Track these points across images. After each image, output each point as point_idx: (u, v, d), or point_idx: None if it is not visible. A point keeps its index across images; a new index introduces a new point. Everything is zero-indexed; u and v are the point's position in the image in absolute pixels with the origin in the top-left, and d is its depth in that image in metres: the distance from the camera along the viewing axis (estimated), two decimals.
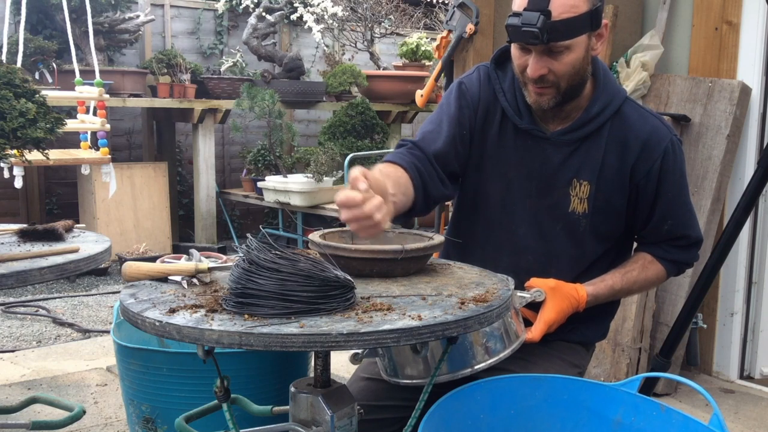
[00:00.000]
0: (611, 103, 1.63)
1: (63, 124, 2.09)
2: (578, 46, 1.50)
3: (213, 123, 5.78)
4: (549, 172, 1.65)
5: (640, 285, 1.72)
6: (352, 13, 6.62)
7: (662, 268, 1.73)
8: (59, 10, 4.80)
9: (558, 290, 1.61)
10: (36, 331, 3.93)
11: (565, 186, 1.65)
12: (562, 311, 1.61)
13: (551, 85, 1.54)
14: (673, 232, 1.69)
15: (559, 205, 1.66)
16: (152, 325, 1.17)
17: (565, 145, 1.64)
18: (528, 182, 1.67)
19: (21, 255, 1.66)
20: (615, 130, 1.63)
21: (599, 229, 1.67)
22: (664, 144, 1.62)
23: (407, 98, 6.36)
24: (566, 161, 1.64)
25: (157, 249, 5.44)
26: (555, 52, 1.49)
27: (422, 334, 1.15)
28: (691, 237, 1.71)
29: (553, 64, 1.51)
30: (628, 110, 1.65)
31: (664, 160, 1.62)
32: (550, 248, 1.68)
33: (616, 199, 1.65)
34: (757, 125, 3.04)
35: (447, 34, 3.35)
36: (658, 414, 1.41)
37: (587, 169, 1.63)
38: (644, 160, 1.62)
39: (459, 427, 1.40)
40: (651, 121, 1.64)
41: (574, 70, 1.53)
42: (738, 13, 3.01)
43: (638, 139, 1.62)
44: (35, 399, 2.18)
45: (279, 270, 1.18)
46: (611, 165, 1.63)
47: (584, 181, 1.63)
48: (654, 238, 1.71)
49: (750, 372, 3.20)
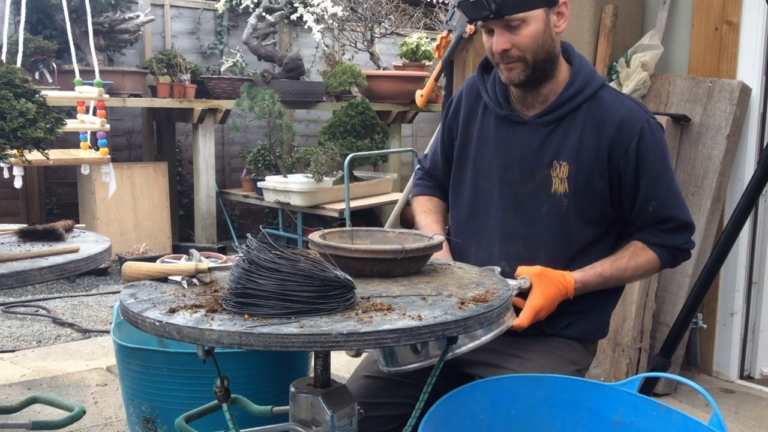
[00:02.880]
0: (587, 87, 1.69)
1: (63, 124, 2.09)
2: (535, 20, 1.58)
3: (213, 123, 5.78)
4: (530, 155, 1.71)
5: (631, 272, 1.72)
6: (352, 13, 6.61)
7: (654, 254, 1.73)
8: (59, 10, 4.80)
9: (544, 276, 1.63)
10: (36, 331, 3.93)
11: (546, 168, 1.70)
12: (549, 297, 1.62)
13: (517, 59, 1.61)
14: (659, 214, 1.70)
15: (542, 187, 1.70)
16: (152, 325, 1.17)
17: (542, 126, 1.70)
18: (511, 169, 1.73)
19: (21, 255, 1.66)
20: (592, 112, 1.68)
21: (584, 211, 1.69)
22: (640, 124, 1.66)
23: (407, 98, 6.36)
24: (544, 143, 1.70)
25: (157, 249, 5.44)
26: (513, 26, 1.58)
27: (422, 334, 1.15)
28: (678, 219, 1.71)
29: (514, 38, 1.59)
30: (605, 95, 1.70)
31: (641, 140, 1.65)
32: (538, 233, 1.71)
33: (597, 180, 1.68)
34: (757, 125, 3.04)
35: (447, 34, 3.35)
36: (658, 414, 1.41)
37: (565, 149, 1.68)
38: (621, 140, 1.66)
39: (459, 427, 1.40)
40: (627, 104, 1.69)
41: (536, 44, 1.60)
42: (738, 13, 3.01)
43: (613, 120, 1.66)
44: (35, 399, 2.18)
45: (279, 270, 1.19)
46: (588, 145, 1.67)
47: (563, 161, 1.68)
48: (641, 221, 1.72)
49: (750, 372, 3.20)
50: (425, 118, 7.55)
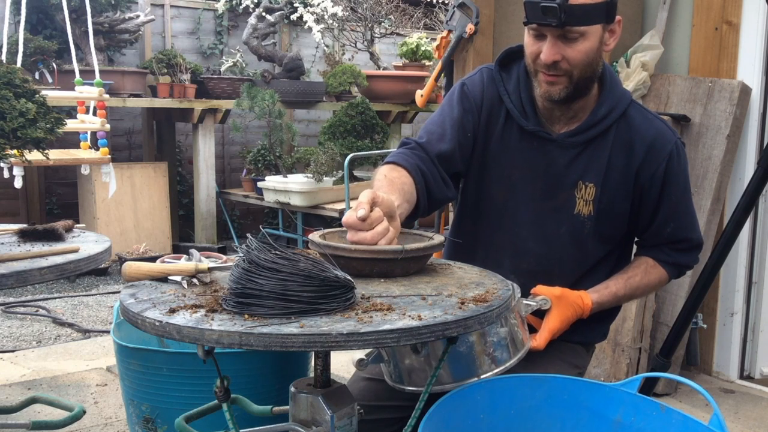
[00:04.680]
0: (618, 106, 1.63)
1: (63, 124, 2.09)
2: (592, 35, 1.50)
3: (213, 123, 5.78)
4: (554, 174, 1.65)
5: (642, 290, 1.74)
6: (352, 13, 6.61)
7: (664, 272, 1.74)
8: (59, 10, 4.80)
9: (564, 299, 1.61)
10: (36, 331, 3.93)
11: (570, 188, 1.65)
12: (566, 319, 1.62)
13: (564, 74, 1.53)
14: (675, 236, 1.70)
15: (564, 207, 1.66)
16: (152, 325, 1.17)
17: (572, 147, 1.64)
18: (532, 184, 1.67)
19: (21, 255, 1.66)
20: (621, 132, 1.63)
21: (603, 231, 1.67)
22: (669, 147, 1.63)
23: (407, 98, 6.36)
24: (572, 163, 1.64)
25: (157, 249, 5.44)
26: (569, 38, 1.49)
27: (422, 334, 1.15)
28: (692, 240, 1.72)
29: (567, 51, 1.50)
30: (634, 113, 1.65)
31: (669, 164, 1.63)
32: (553, 251, 1.68)
33: (620, 202, 1.65)
34: (757, 125, 3.04)
35: (447, 34, 3.35)
36: (658, 414, 1.41)
37: (593, 171, 1.63)
38: (649, 163, 1.62)
39: (459, 427, 1.40)
40: (656, 125, 1.65)
41: (587, 60, 1.52)
42: (738, 13, 3.01)
43: (644, 142, 1.62)
44: (35, 399, 2.18)
45: (279, 270, 1.18)
46: (616, 167, 1.63)
47: (590, 183, 1.64)
48: (655, 240, 1.72)
49: (750, 372, 3.20)
50: (425, 118, 7.52)
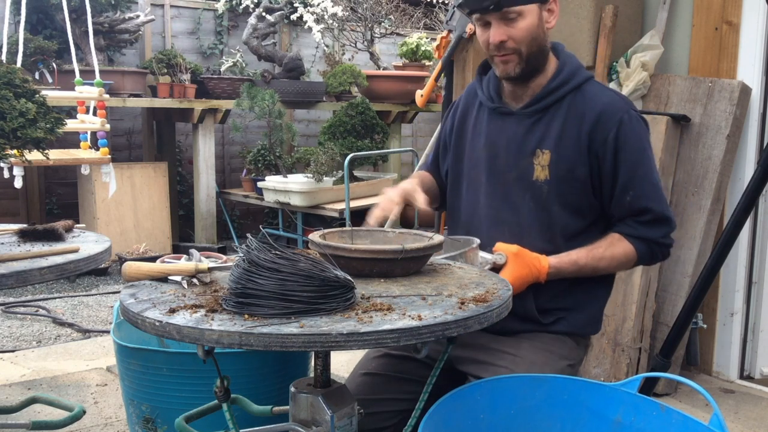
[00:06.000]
0: (572, 79, 1.75)
1: (63, 124, 2.09)
2: (530, 14, 1.68)
3: (213, 123, 5.78)
4: (514, 145, 1.78)
5: (607, 262, 1.73)
6: (352, 13, 6.61)
7: (631, 246, 1.74)
8: (59, 10, 4.80)
9: (520, 256, 1.67)
10: (36, 331, 3.94)
11: (529, 156, 1.76)
12: (520, 277, 1.65)
13: (513, 52, 1.70)
14: (636, 205, 1.72)
15: (525, 175, 1.77)
16: (152, 325, 1.17)
17: (527, 117, 1.78)
18: (499, 158, 1.81)
19: (21, 255, 1.66)
20: (575, 104, 1.75)
21: (566, 198, 1.74)
22: (620, 114, 1.71)
23: (407, 98, 6.36)
24: (529, 133, 1.77)
25: (157, 249, 5.44)
26: (510, 18, 1.67)
27: (422, 334, 1.15)
28: (654, 211, 1.72)
29: (510, 31, 1.67)
30: (589, 87, 1.77)
31: (620, 129, 1.70)
32: (522, 218, 1.77)
33: (579, 168, 1.73)
34: (757, 125, 3.04)
35: (447, 34, 3.35)
36: (657, 414, 1.41)
37: (548, 138, 1.74)
38: (601, 129, 1.71)
39: (459, 427, 1.40)
40: (609, 95, 1.76)
41: (530, 36, 1.69)
42: (738, 13, 3.01)
43: (594, 110, 1.72)
44: (35, 399, 2.19)
45: (279, 270, 1.19)
46: (570, 134, 1.73)
47: (545, 149, 1.74)
48: (619, 212, 1.75)
49: (750, 372, 3.20)
50: (425, 118, 7.55)
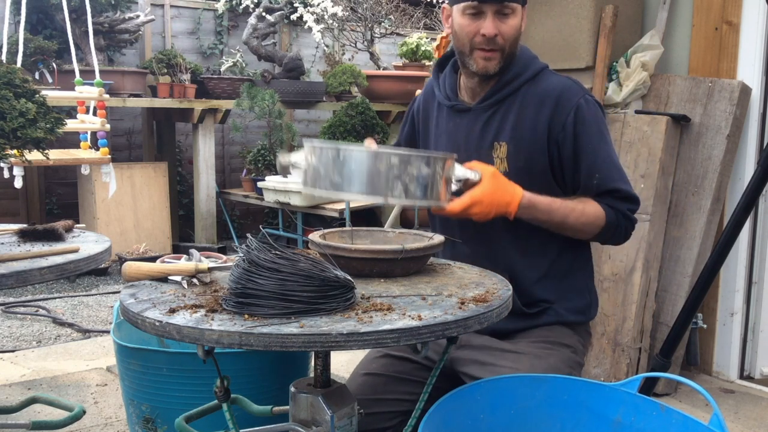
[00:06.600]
0: (526, 71, 1.76)
1: (63, 124, 2.09)
2: (518, 13, 1.70)
3: (213, 123, 5.78)
4: (473, 140, 1.79)
5: (577, 214, 1.69)
6: (352, 13, 6.61)
7: (600, 208, 1.71)
8: (59, 10, 4.80)
9: (495, 178, 1.59)
10: (36, 331, 3.93)
11: (488, 149, 1.76)
12: (491, 196, 1.57)
13: (499, 48, 1.70)
14: (604, 186, 1.71)
15: None
16: (152, 325, 1.17)
17: (483, 111, 1.78)
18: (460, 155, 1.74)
19: (21, 255, 1.66)
20: (530, 93, 1.75)
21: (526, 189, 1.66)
22: (577, 99, 1.71)
23: (407, 98, 6.35)
24: (486, 126, 1.77)
25: (157, 249, 5.44)
26: (505, 14, 1.67)
27: (422, 334, 1.15)
28: (622, 190, 1.72)
29: (502, 26, 1.68)
30: (545, 77, 1.77)
31: (578, 113, 1.70)
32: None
33: (538, 158, 1.72)
34: (757, 125, 3.04)
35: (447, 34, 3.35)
36: (658, 414, 1.41)
37: (504, 130, 1.75)
38: (558, 115, 1.71)
39: (459, 427, 1.40)
40: (564, 81, 1.76)
41: (516, 35, 1.71)
42: (738, 13, 3.01)
43: (551, 97, 1.72)
44: (35, 399, 2.19)
45: (279, 270, 1.19)
46: (526, 125, 1.73)
47: (502, 142, 1.75)
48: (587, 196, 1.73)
49: (750, 372, 3.20)
50: None
